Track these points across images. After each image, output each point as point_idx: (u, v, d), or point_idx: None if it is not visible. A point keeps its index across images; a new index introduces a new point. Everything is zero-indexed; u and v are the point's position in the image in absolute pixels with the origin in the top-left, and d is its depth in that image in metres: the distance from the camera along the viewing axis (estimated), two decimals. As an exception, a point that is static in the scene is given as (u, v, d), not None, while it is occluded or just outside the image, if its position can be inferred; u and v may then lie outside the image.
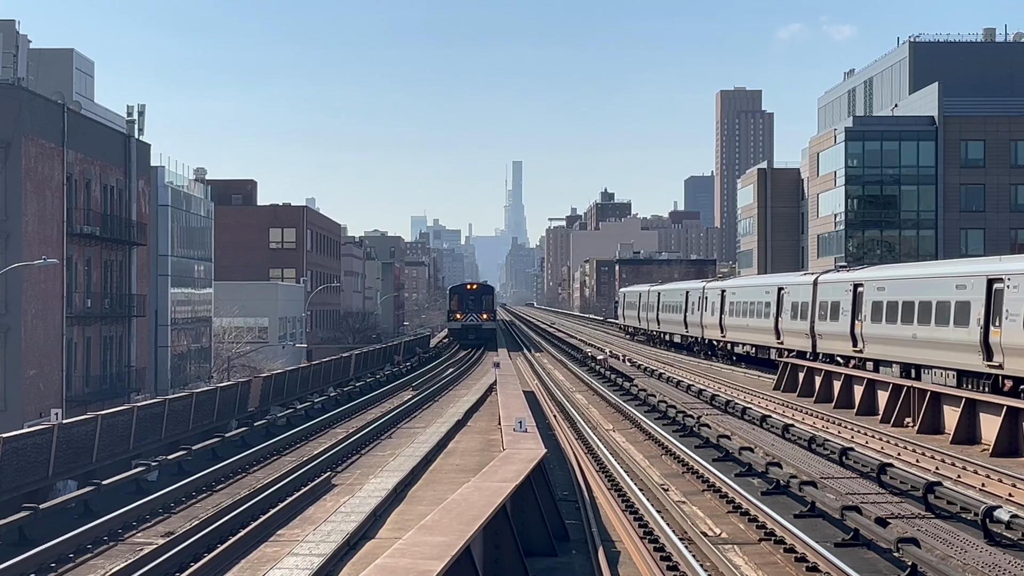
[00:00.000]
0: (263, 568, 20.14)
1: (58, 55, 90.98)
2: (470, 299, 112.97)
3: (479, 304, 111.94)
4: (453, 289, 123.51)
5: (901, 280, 47.01)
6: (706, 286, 78.64)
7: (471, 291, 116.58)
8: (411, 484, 28.89)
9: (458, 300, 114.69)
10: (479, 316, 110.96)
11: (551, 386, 58.60)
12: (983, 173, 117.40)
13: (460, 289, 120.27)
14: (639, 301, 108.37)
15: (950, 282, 41.78)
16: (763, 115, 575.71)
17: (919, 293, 43.97)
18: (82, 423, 31.06)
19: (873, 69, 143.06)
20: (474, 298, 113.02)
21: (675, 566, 19.22)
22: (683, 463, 30.84)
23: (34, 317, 65.45)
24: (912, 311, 44.00)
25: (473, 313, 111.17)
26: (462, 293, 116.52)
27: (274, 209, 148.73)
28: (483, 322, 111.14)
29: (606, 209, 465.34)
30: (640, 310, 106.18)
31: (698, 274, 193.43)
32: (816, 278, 56.72)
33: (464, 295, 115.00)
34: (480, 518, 15.73)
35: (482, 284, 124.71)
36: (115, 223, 78.90)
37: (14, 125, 64.40)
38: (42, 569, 20.85)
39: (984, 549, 19.40)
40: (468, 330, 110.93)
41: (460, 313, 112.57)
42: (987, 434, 32.31)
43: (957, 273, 42.23)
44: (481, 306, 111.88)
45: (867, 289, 49.06)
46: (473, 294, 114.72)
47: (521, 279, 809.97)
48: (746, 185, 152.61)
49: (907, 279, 46.61)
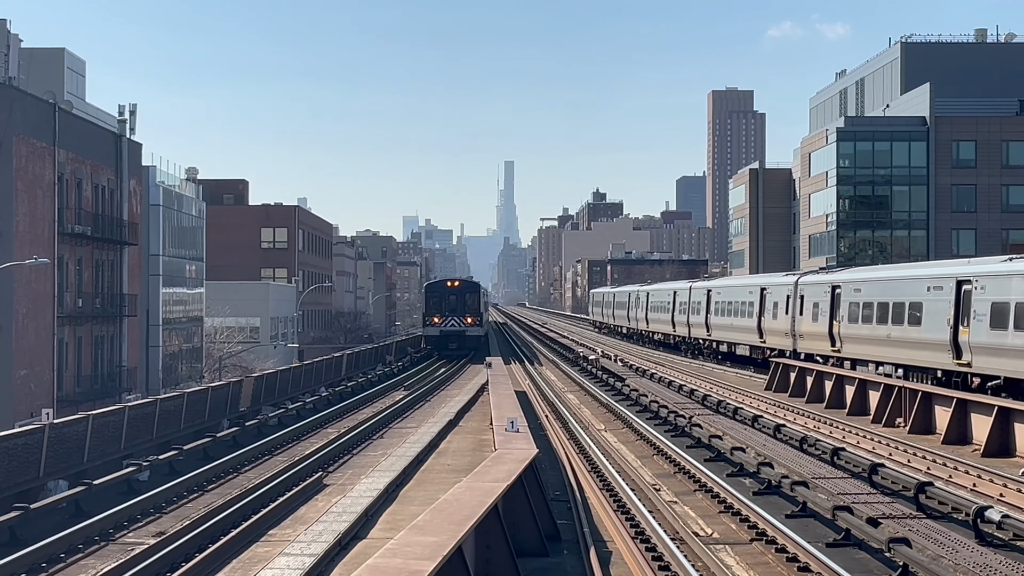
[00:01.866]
0: (254, 568, 20.12)
1: (49, 54, 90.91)
2: (450, 298, 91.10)
3: (462, 305, 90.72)
4: (430, 287, 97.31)
5: (876, 282, 49.40)
6: (692, 286, 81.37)
7: (451, 289, 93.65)
8: (403, 484, 28.88)
9: (435, 300, 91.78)
10: (462, 320, 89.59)
11: (543, 386, 58.60)
12: (974, 174, 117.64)
13: (438, 287, 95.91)
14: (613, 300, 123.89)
15: (922, 284, 43.85)
16: (755, 115, 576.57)
17: (893, 294, 46.19)
18: (73, 423, 31.00)
19: (865, 69, 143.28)
20: (456, 297, 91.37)
21: (667, 566, 19.22)
22: (675, 463, 30.85)
23: (25, 317, 65.37)
24: (887, 312, 46.22)
25: (454, 316, 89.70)
26: (440, 292, 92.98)
27: (266, 209, 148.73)
28: (467, 327, 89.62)
29: (598, 209, 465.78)
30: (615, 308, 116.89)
31: (690, 274, 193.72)
32: (797, 279, 58.76)
33: (443, 294, 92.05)
34: (472, 518, 15.73)
35: (465, 280, 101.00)
36: (106, 223, 78.84)
37: (5, 124, 64.30)
38: (33, 569, 20.81)
39: (975, 549, 19.40)
40: (448, 338, 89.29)
41: (438, 316, 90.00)
42: (978, 434, 32.35)
43: (928, 275, 44.23)
44: (465, 307, 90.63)
45: (844, 290, 51.19)
46: (455, 292, 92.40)
47: (513, 279, 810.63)
48: (738, 185, 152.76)
49: (881, 281, 49.11)
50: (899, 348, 45.08)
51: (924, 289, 43.27)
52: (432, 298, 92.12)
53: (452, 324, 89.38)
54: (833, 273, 57.46)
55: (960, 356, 40.00)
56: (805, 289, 56.30)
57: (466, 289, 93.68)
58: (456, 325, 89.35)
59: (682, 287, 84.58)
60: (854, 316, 49.49)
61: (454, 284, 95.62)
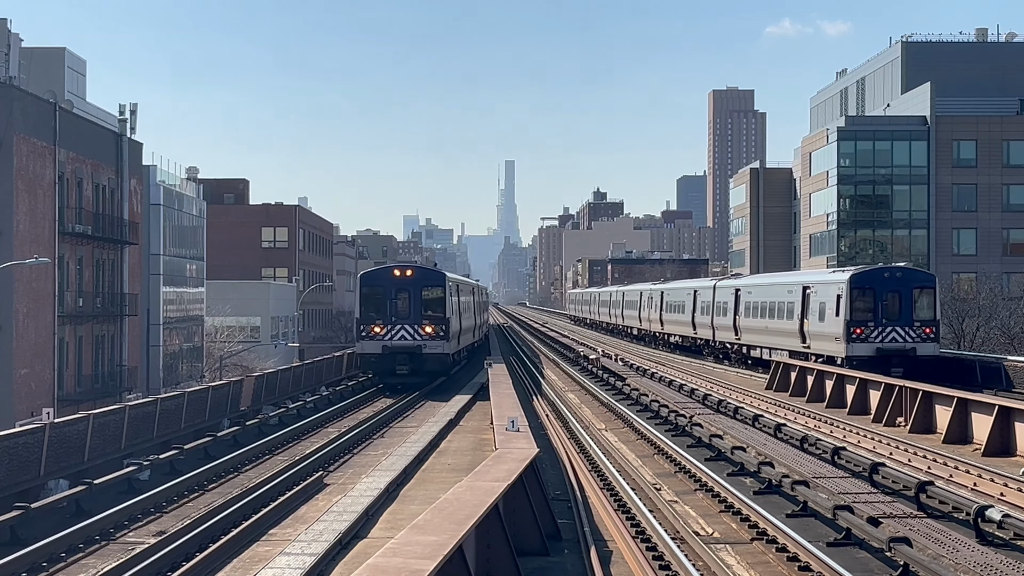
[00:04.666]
0: (255, 567, 20.12)
1: (50, 54, 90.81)
2: (398, 296, 57.32)
3: (416, 305, 57.21)
4: (367, 277, 60.57)
5: (759, 286, 67.18)
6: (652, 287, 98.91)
7: (400, 280, 57.85)
8: (403, 483, 28.88)
9: (376, 299, 57.78)
10: (416, 329, 56.64)
11: (543, 385, 58.59)
12: (975, 173, 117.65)
13: (379, 278, 59.33)
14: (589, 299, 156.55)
15: (784, 288, 61.08)
16: (755, 115, 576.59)
17: (769, 296, 63.22)
18: (74, 422, 31.01)
19: (865, 69, 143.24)
20: (408, 293, 57.29)
21: (667, 565, 19.23)
22: (675, 462, 30.85)
23: (25, 316, 65.38)
24: (766, 309, 62.93)
25: (405, 324, 56.65)
26: (383, 285, 57.93)
27: (266, 208, 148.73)
28: (426, 340, 56.60)
29: (598, 208, 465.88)
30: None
31: (691, 273, 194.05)
32: (714, 284, 76.37)
33: (387, 289, 57.52)
34: (472, 517, 15.72)
35: (421, 267, 64.36)
36: (107, 222, 78.85)
37: (5, 124, 64.31)
38: (34, 568, 20.81)
39: (976, 548, 19.41)
40: (394, 357, 56.38)
41: (379, 324, 56.73)
42: (979, 434, 32.36)
43: (788, 283, 62.11)
44: (420, 310, 57.20)
45: (743, 293, 68.11)
46: (406, 286, 57.48)
47: (514, 278, 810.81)
48: (738, 185, 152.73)
49: (762, 286, 67.11)
50: (773, 336, 61.37)
51: (786, 292, 60.08)
52: (371, 296, 57.64)
53: (401, 336, 56.10)
54: (738, 279, 75.94)
55: (805, 341, 56.64)
56: (719, 291, 73.60)
57: (423, 280, 58.20)
58: (407, 337, 56.13)
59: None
60: (748, 313, 66.52)
61: (405, 274, 58.33)
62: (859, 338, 52.20)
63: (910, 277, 54.26)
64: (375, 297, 57.66)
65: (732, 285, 71.85)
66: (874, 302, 52.52)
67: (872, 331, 52.05)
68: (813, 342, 56.26)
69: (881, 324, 52.14)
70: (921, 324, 52.29)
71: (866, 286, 53.05)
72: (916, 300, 52.80)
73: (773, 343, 61.77)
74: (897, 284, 52.99)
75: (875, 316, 52.38)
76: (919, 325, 52.28)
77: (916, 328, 52.27)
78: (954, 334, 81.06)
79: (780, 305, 61.22)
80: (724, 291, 72.57)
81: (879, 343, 51.85)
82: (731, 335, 69.81)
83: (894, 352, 51.65)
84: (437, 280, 59.09)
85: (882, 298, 52.49)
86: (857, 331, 52.17)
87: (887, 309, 52.30)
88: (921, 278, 55.31)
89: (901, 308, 52.33)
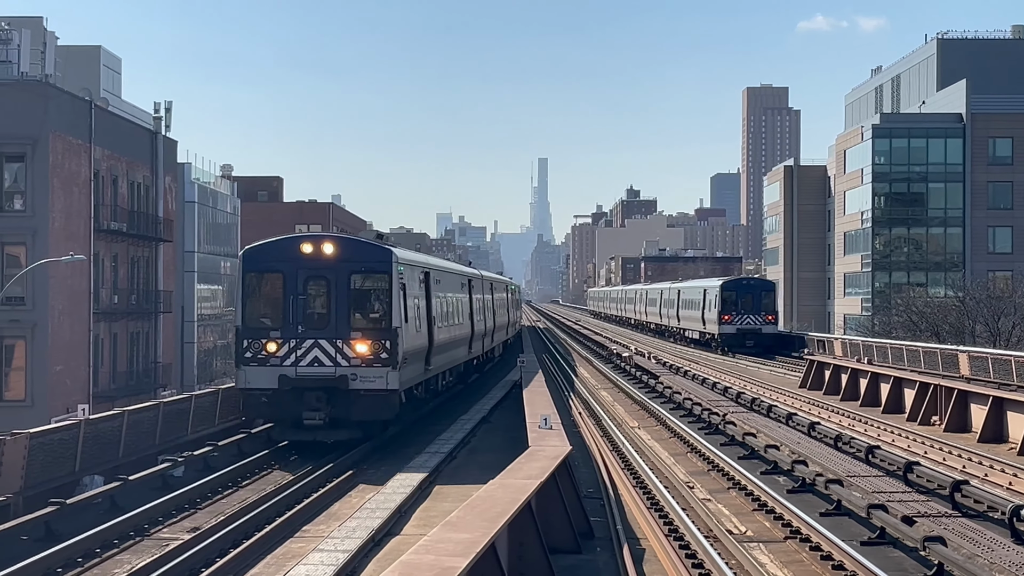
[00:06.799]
0: (288, 564, 20.17)
1: (86, 52, 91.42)
2: (307, 287, 32.82)
3: (340, 306, 32.73)
4: (251, 257, 33.63)
5: (685, 288, 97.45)
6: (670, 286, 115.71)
7: (311, 261, 32.78)
8: (436, 481, 28.90)
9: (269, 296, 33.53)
10: (341, 348, 32.36)
11: (576, 383, 58.56)
12: (1011, 170, 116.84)
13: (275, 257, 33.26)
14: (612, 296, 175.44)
15: (698, 290, 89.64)
16: (789, 112, 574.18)
17: (689, 295, 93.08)
18: (108, 419, 31.17)
19: (900, 66, 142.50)
20: (328, 281, 32.84)
21: (700, 564, 19.17)
22: (708, 461, 30.78)
23: (61, 313, 65.75)
24: (688, 303, 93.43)
25: (319, 339, 32.39)
26: (282, 269, 32.85)
27: (300, 206, 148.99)
28: (355, 368, 32.25)
29: (632, 206, 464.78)
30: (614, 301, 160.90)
31: (724, 271, 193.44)
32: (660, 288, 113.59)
33: (289, 276, 32.72)
34: (505, 515, 15.71)
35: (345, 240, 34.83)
36: (141, 219, 79.20)
37: (41, 122, 64.70)
38: (68, 564, 20.91)
39: (1011, 548, 19.29)
40: (297, 395, 32.21)
41: (275, 339, 32.34)
42: (1015, 433, 32.15)
43: (699, 287, 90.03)
44: (347, 313, 32.74)
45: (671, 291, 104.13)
46: (322, 272, 32.81)
47: (547, 276, 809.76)
48: (772, 182, 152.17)
49: (685, 288, 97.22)
50: (690, 322, 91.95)
51: (700, 292, 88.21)
52: (259, 288, 33.93)
53: (314, 359, 32.49)
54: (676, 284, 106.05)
55: (705, 326, 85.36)
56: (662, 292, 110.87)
57: (352, 262, 33.40)
58: (323, 361, 32.49)
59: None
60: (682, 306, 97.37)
61: (321, 250, 33.14)
62: (727, 323, 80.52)
63: (759, 284, 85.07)
64: (268, 291, 33.82)
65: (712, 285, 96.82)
66: (736, 300, 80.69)
67: (735, 318, 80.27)
68: (707, 326, 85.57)
69: (740, 313, 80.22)
70: (765, 313, 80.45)
71: (731, 289, 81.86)
72: (763, 298, 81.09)
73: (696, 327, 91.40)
74: (750, 288, 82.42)
75: (736, 308, 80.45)
76: (763, 314, 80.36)
77: (761, 316, 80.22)
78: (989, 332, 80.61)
79: (697, 301, 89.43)
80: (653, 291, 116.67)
81: (739, 325, 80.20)
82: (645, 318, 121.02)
83: (748, 331, 79.95)
84: (377, 261, 33.69)
85: (742, 297, 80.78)
86: (726, 317, 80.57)
87: (744, 304, 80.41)
88: (766, 285, 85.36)
89: (753, 303, 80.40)
